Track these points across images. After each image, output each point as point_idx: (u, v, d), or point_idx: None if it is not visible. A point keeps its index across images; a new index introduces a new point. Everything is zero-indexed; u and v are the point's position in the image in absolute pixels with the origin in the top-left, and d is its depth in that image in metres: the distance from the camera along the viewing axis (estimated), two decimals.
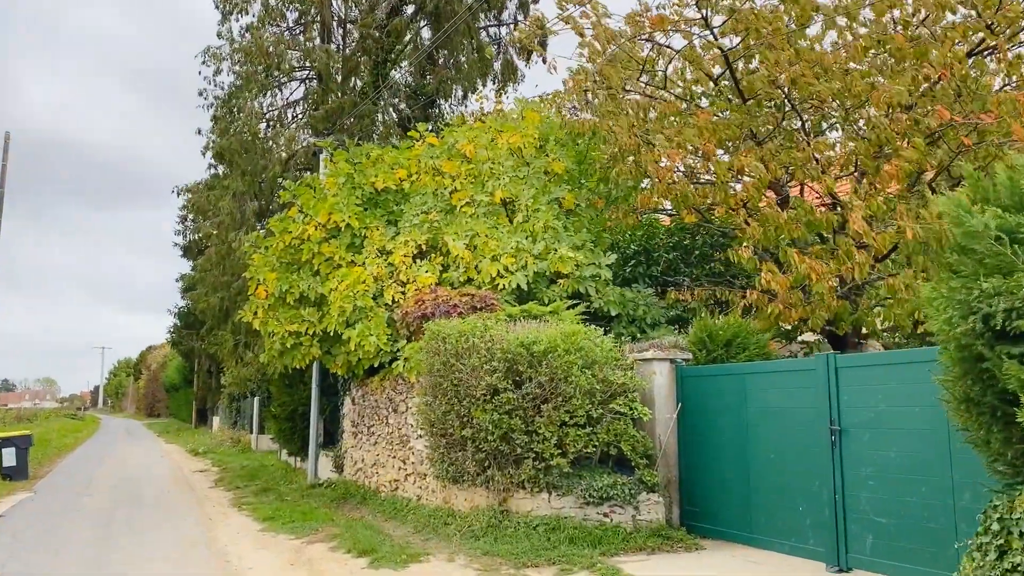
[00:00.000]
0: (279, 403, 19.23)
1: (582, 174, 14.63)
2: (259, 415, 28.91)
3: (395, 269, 13.35)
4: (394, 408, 13.23)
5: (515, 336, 9.64)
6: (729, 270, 14.99)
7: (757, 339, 10.86)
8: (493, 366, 9.54)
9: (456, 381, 9.95)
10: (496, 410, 9.47)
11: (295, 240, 15.04)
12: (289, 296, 14.55)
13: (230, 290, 19.66)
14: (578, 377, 9.20)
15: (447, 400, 10.12)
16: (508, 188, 13.12)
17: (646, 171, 13.22)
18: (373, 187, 15.11)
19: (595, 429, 9.30)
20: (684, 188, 12.27)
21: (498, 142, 13.90)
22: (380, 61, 20.41)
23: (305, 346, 14.34)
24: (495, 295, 11.67)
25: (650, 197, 13.19)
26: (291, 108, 22.14)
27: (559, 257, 12.18)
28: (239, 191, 19.83)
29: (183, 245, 43.49)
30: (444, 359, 10.16)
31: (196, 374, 49.48)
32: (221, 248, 19.74)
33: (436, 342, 10.40)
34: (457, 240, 12.48)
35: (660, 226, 16.11)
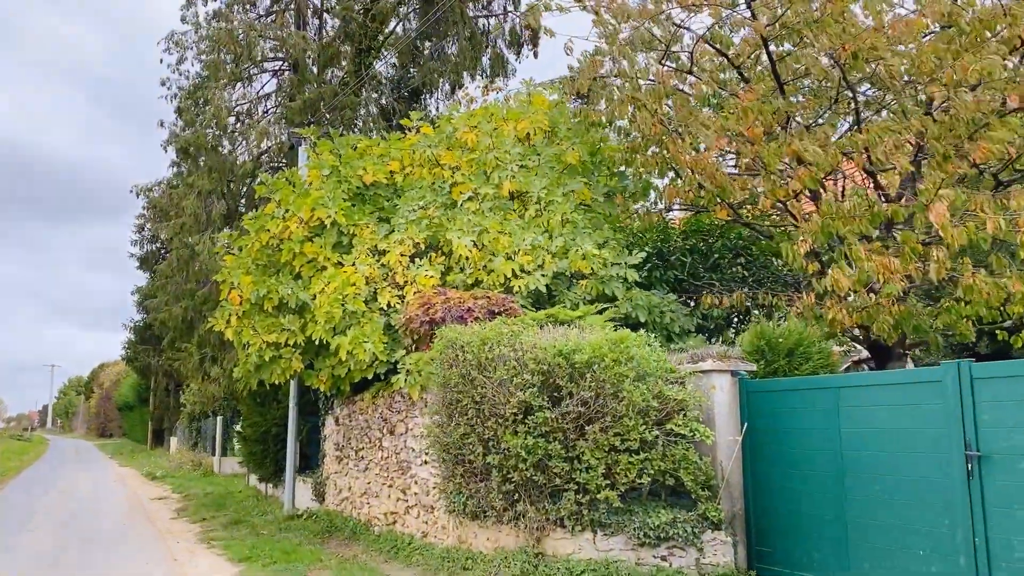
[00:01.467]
0: (250, 423, 17.36)
1: (595, 166, 13.15)
2: (223, 436, 26.91)
3: (390, 270, 11.72)
4: (390, 429, 11.54)
5: (551, 344, 8.06)
6: (754, 274, 13.64)
7: (820, 348, 9.44)
8: (525, 379, 7.95)
9: (478, 398, 8.34)
10: (530, 432, 7.88)
11: (273, 240, 13.34)
12: (267, 302, 12.81)
13: (194, 299, 17.81)
14: (630, 392, 7.64)
15: (466, 420, 8.50)
16: (518, 179, 11.58)
17: (675, 161, 11.81)
18: (361, 181, 13.47)
19: (650, 455, 7.74)
20: (722, 179, 10.84)
21: (503, 129, 12.36)
22: (363, 49, 18.79)
23: (285, 358, 12.59)
24: (512, 298, 10.10)
25: (678, 191, 11.75)
26: (263, 102, 20.42)
27: (582, 255, 10.66)
28: (205, 190, 18.01)
29: (140, 256, 41.18)
30: (463, 371, 8.54)
31: (153, 392, 46.98)
32: (184, 252, 17.89)
33: (452, 351, 8.78)
34: (463, 237, 10.89)
35: (674, 227, 14.71)
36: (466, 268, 10.92)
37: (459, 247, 10.80)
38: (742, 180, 11.15)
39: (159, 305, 19.18)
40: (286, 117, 18.13)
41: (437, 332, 9.22)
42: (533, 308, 10.41)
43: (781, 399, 8.09)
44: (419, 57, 20.31)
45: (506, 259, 10.56)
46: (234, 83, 19.02)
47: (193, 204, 17.66)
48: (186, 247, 17.88)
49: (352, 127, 17.43)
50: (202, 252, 17.19)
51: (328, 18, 20.48)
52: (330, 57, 18.54)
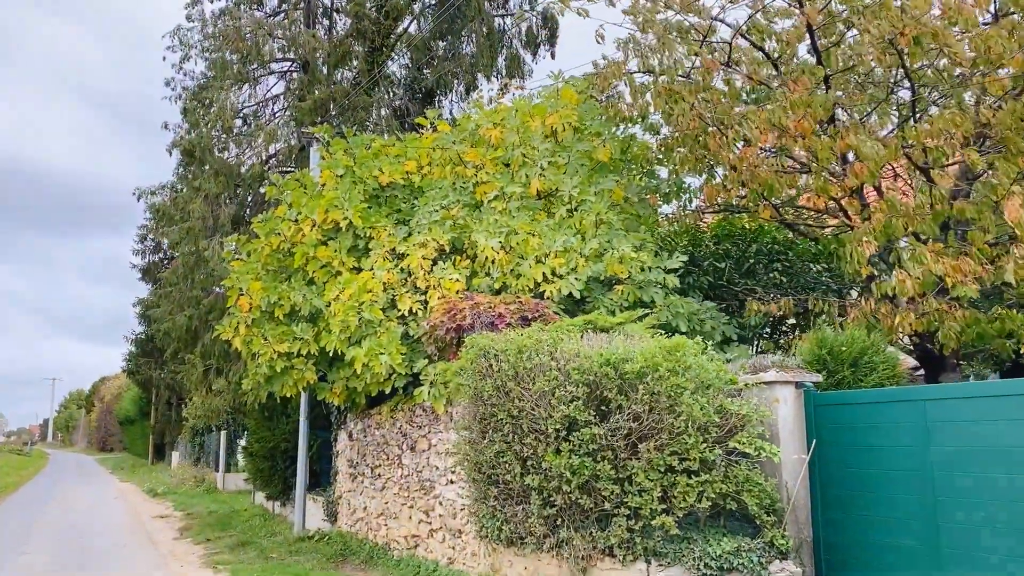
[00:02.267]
0: (257, 438, 16.55)
1: (624, 165, 12.40)
2: (226, 451, 26.11)
3: (410, 275, 10.96)
4: (411, 445, 10.74)
5: (597, 352, 7.27)
6: (793, 281, 12.86)
7: (886, 357, 8.63)
8: (569, 391, 7.16)
9: (516, 412, 7.55)
10: (575, 451, 7.08)
11: (284, 244, 12.60)
12: (278, 310, 12.06)
13: (200, 307, 17.04)
14: (690, 406, 6.84)
15: (502, 436, 7.71)
16: (547, 177, 10.83)
17: (715, 159, 11.06)
18: (376, 182, 12.75)
19: (711, 476, 6.93)
20: (768, 176, 10.09)
21: (530, 125, 11.62)
22: (376, 47, 18.10)
23: (298, 370, 11.81)
24: (545, 303, 9.32)
25: (718, 190, 11.00)
26: (270, 104, 19.71)
27: (619, 258, 9.88)
28: (212, 193, 17.27)
29: (142, 267, 40.46)
30: (497, 382, 7.75)
31: (154, 406, 46.16)
32: (189, 258, 17.14)
33: (484, 361, 7.99)
34: (490, 239, 10.12)
35: (704, 231, 13.95)
36: (493, 272, 10.15)
37: (485, 249, 10.03)
38: (789, 177, 10.39)
39: (162, 315, 18.43)
40: (295, 118, 17.40)
41: (466, 340, 8.44)
42: (566, 315, 9.64)
43: (854, 413, 7.28)
44: (433, 58, 19.62)
45: (536, 262, 9.79)
46: (241, 84, 18.32)
47: (199, 208, 16.92)
48: (192, 253, 17.13)
49: (364, 128, 16.70)
50: (209, 258, 16.43)
51: (338, 18, 19.82)
52: (341, 56, 17.84)
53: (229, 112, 17.59)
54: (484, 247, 10.07)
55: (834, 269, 13.27)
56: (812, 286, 12.67)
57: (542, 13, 20.23)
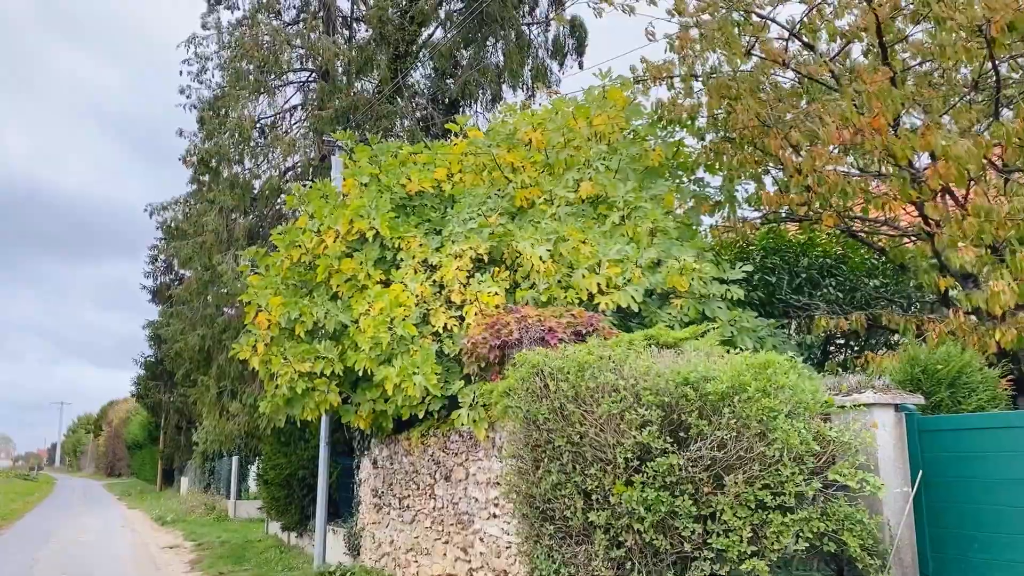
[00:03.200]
0: (272, 465, 15.63)
1: (671, 171, 11.56)
2: (238, 478, 25.19)
3: (443, 288, 10.11)
4: (445, 474, 9.83)
5: (673, 370, 6.37)
6: (848, 296, 11.97)
7: (984, 377, 7.70)
8: (641, 415, 6.25)
9: (577, 437, 6.65)
10: (649, 483, 6.16)
11: (305, 256, 11.79)
12: (299, 326, 11.20)
13: (213, 326, 16.23)
14: (785, 432, 5.92)
15: (560, 466, 6.80)
16: (599, 181, 10.00)
17: (775, 161, 10.23)
18: (404, 190, 11.97)
19: (808, 513, 6.00)
20: (837, 180, 9.23)
21: (575, 127, 10.82)
22: (399, 54, 17.39)
23: (320, 391, 10.93)
24: (600, 316, 8.44)
25: (780, 197, 10.15)
26: (288, 116, 19.00)
27: (679, 268, 9.00)
28: (227, 206, 16.51)
29: (152, 288, 39.82)
30: (555, 404, 6.85)
31: (163, 430, 45.27)
32: (203, 274, 16.35)
33: (538, 380, 7.10)
34: (536, 247, 9.26)
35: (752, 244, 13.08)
36: (539, 283, 9.27)
37: (532, 258, 9.17)
38: (860, 181, 9.52)
39: (174, 334, 17.65)
40: (315, 128, 16.68)
41: (515, 357, 7.55)
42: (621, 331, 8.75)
43: (965, 440, 6.36)
44: (456, 67, 18.92)
45: (589, 272, 8.91)
46: (258, 94, 17.62)
47: (214, 221, 16.15)
48: (205, 269, 16.34)
49: (388, 138, 15.97)
50: (224, 273, 15.63)
51: (358, 28, 19.16)
52: (364, 62, 17.13)
53: (247, 121, 16.88)
54: (530, 256, 9.21)
55: (890, 284, 12.42)
56: (870, 302, 11.80)
57: (570, 21, 19.54)
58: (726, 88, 10.15)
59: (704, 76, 10.72)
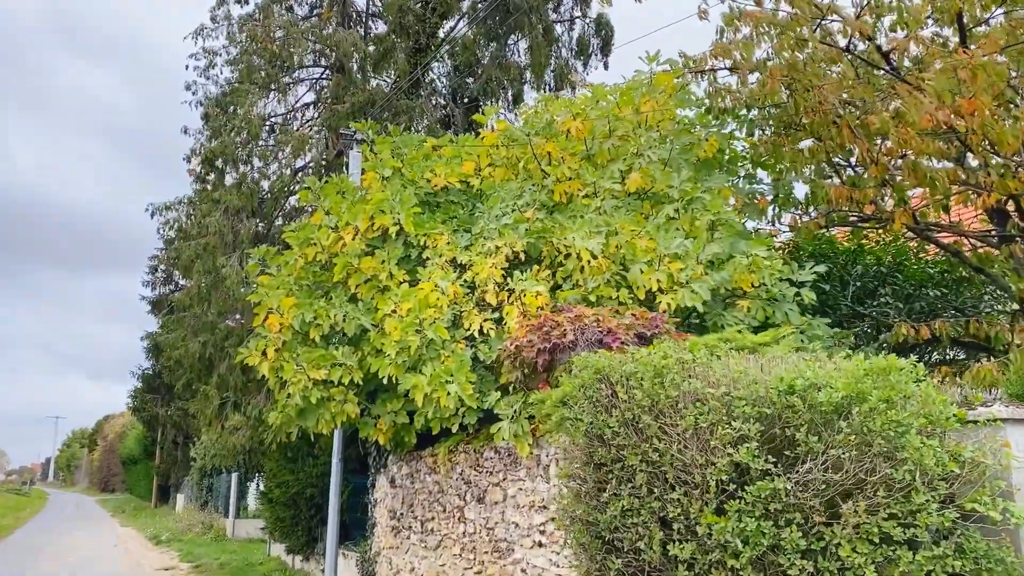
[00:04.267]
0: (278, 482, 14.55)
1: (722, 166, 10.60)
2: (237, 495, 24.07)
3: (477, 288, 9.12)
4: (477, 495, 8.78)
5: (776, 377, 5.36)
6: (907, 306, 11.00)
7: None
8: (736, 429, 5.23)
9: (654, 455, 5.62)
10: (748, 511, 5.13)
11: (321, 255, 10.80)
12: (313, 330, 10.19)
13: (216, 333, 15.22)
14: (918, 451, 4.90)
15: (631, 489, 5.76)
16: (648, 171, 9.03)
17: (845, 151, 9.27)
18: (429, 185, 11.03)
19: (942, 549, 4.96)
20: (923, 170, 8.27)
21: (620, 115, 9.86)
22: (420, 47, 16.49)
23: (336, 401, 9.89)
24: (663, 317, 7.42)
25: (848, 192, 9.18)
26: (299, 114, 18.08)
27: (747, 265, 8.00)
28: (234, 206, 15.54)
29: (152, 299, 38.69)
30: (626, 416, 5.83)
31: (159, 445, 44.04)
32: (206, 278, 15.35)
33: (603, 387, 6.09)
34: (587, 239, 8.25)
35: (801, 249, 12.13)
36: (588, 282, 8.26)
37: (581, 253, 8.16)
38: (947, 172, 8.55)
39: (174, 341, 16.64)
40: (328, 125, 15.74)
41: (574, 361, 6.54)
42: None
43: None
44: (478, 65, 18.02)
45: (648, 267, 7.90)
46: (269, 91, 16.69)
47: (218, 222, 15.17)
48: (208, 272, 15.35)
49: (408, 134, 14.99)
50: (228, 276, 14.63)
51: (375, 25, 18.26)
52: (382, 55, 16.21)
53: (256, 118, 15.95)
54: (579, 250, 8.20)
55: (950, 294, 11.49)
56: (930, 311, 10.86)
57: (595, 20, 18.67)
58: (793, 70, 9.19)
59: (759, 63, 9.79)
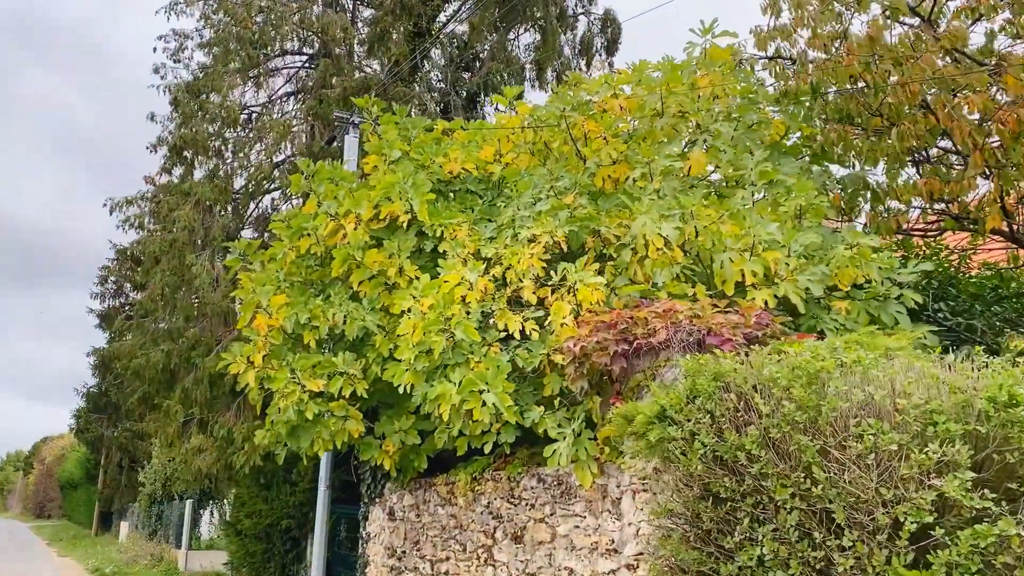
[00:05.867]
0: (248, 512, 12.79)
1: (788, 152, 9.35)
2: (191, 524, 22.04)
3: (511, 284, 7.67)
4: (514, 533, 7.26)
5: (992, 385, 4.01)
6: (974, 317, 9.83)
7: None
8: (938, 453, 3.86)
9: (811, 487, 4.21)
10: (962, 566, 3.74)
11: (316, 247, 9.29)
12: (308, 333, 8.65)
13: (181, 341, 13.49)
14: None
15: (773, 532, 4.34)
16: (714, 150, 7.73)
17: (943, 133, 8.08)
18: (442, 171, 9.63)
19: None
20: None
21: (674, 90, 8.56)
22: (419, 32, 15.08)
23: (337, 417, 8.33)
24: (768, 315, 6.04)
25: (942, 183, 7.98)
26: (281, 103, 16.45)
27: (850, 257, 6.69)
28: (206, 198, 13.88)
29: (101, 312, 36.24)
30: (770, 434, 4.43)
31: (103, 468, 41.25)
32: (172, 279, 13.63)
33: (728, 398, 4.68)
34: (658, 223, 6.85)
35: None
36: (658, 275, 6.85)
37: (652, 240, 6.75)
38: None
39: (131, 350, 14.80)
40: (314, 113, 14.20)
41: (682, 365, 5.12)
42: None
43: None
44: (476, 60, 16.68)
45: (739, 256, 6.52)
46: (247, 77, 15.08)
47: (188, 216, 13.46)
48: (174, 272, 13.63)
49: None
50: (198, 276, 12.94)
51: (362, 8, 16.80)
52: (378, 36, 14.74)
53: (233, 104, 14.35)
54: (647, 237, 6.80)
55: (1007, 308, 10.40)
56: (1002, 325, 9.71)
57: (601, 17, 17.47)
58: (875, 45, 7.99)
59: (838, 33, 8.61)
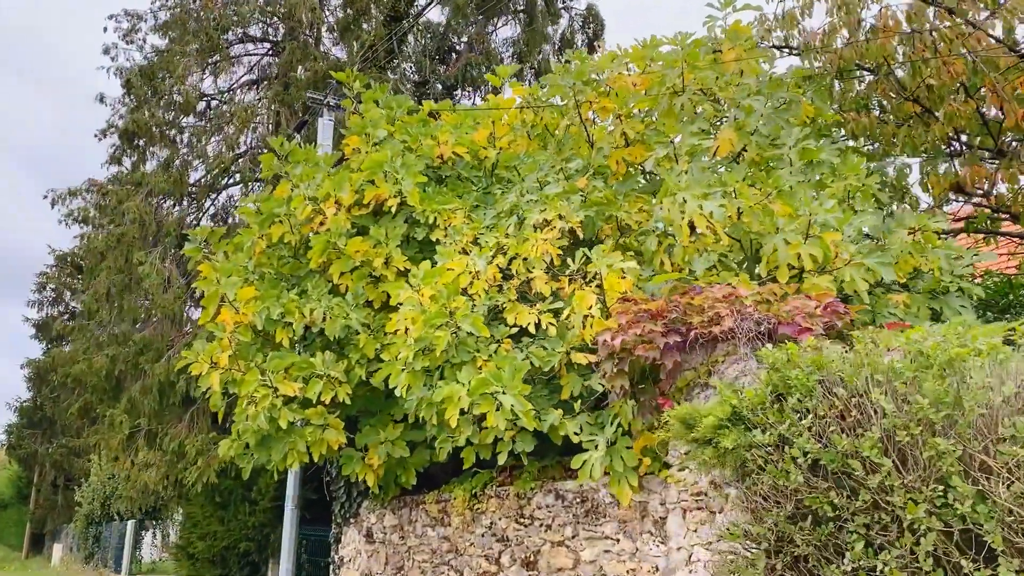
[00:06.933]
0: (201, 533, 11.57)
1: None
2: (132, 546, 20.56)
3: (518, 274, 6.77)
4: (524, 558, 6.31)
5: None
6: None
7: None
8: None
9: (949, 502, 3.37)
10: None
11: (291, 235, 8.31)
12: (281, 331, 7.61)
13: (128, 345, 12.23)
14: None
15: (898, 559, 3.49)
16: (745, 129, 6.96)
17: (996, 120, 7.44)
18: (430, 154, 8.72)
19: None
20: None
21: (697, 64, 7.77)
22: (397, 15, 14.08)
23: (315, 426, 7.30)
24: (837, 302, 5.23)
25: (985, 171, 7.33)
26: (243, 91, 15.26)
27: (916, 242, 5.94)
28: (159, 189, 12.65)
29: (37, 321, 34.38)
30: (897, 437, 3.57)
31: (35, 487, 39.02)
32: (119, 277, 12.38)
33: (836, 393, 3.82)
34: (700, 202, 5.99)
35: None
36: (696, 262, 6.01)
37: (695, 220, 5.89)
38: None
39: (73, 355, 13.43)
40: (281, 99, 13.08)
41: (763, 357, 4.25)
42: None
43: None
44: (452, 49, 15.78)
45: (794, 236, 5.69)
46: (205, 62, 13.88)
47: (138, 208, 12.23)
48: (121, 271, 12.38)
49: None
50: (148, 275, 11.72)
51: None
52: (354, 17, 13.67)
53: (191, 89, 13.18)
54: (688, 216, 5.93)
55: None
56: None
57: (584, 12, 16.70)
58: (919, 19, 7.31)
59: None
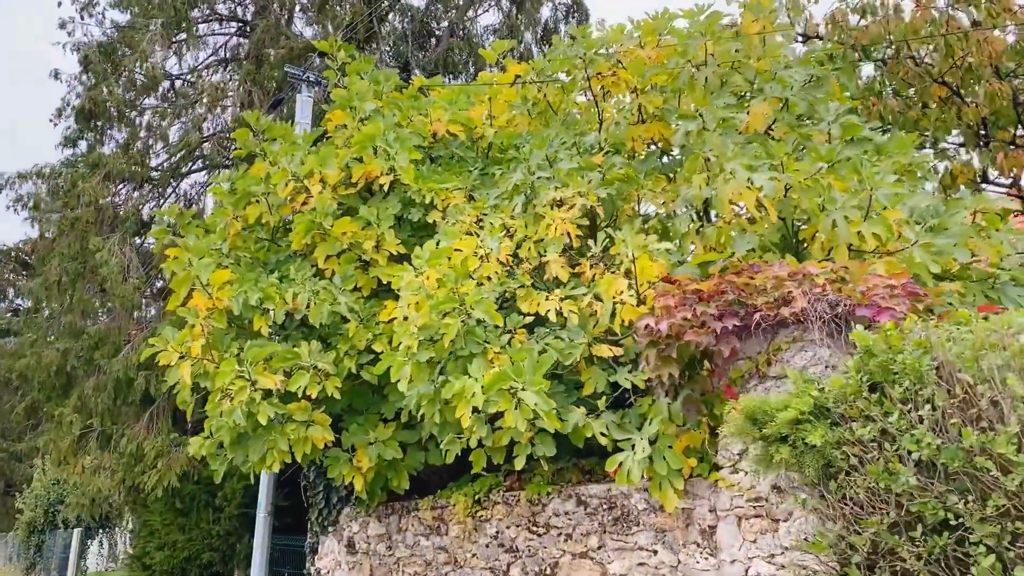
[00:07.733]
0: (159, 543, 10.65)
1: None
2: (78, 555, 19.40)
3: (527, 260, 6.13)
4: (538, 570, 5.64)
5: None
6: None
7: None
8: None
9: None
10: None
11: (269, 216, 7.58)
12: (259, 319, 6.85)
13: (81, 339, 11.27)
14: None
15: None
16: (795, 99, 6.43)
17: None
18: (421, 131, 8.04)
19: None
20: None
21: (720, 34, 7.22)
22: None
23: (298, 423, 6.54)
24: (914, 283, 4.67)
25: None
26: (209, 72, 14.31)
27: (973, 227, 5.43)
28: (119, 171, 11.70)
29: None
30: None
31: None
32: (72, 264, 11.41)
33: (961, 379, 3.23)
34: (753, 175, 5.37)
35: None
36: (739, 243, 5.41)
37: (743, 194, 5.28)
38: None
39: (19, 349, 12.40)
40: (253, 78, 12.22)
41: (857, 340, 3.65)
42: None
43: None
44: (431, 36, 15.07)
45: (856, 212, 5.11)
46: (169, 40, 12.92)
47: (94, 191, 11.27)
48: (75, 258, 11.42)
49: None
50: (104, 262, 10.79)
51: None
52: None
53: (156, 66, 12.22)
54: (735, 191, 5.32)
55: None
56: None
57: (567, 2, 16.06)
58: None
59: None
